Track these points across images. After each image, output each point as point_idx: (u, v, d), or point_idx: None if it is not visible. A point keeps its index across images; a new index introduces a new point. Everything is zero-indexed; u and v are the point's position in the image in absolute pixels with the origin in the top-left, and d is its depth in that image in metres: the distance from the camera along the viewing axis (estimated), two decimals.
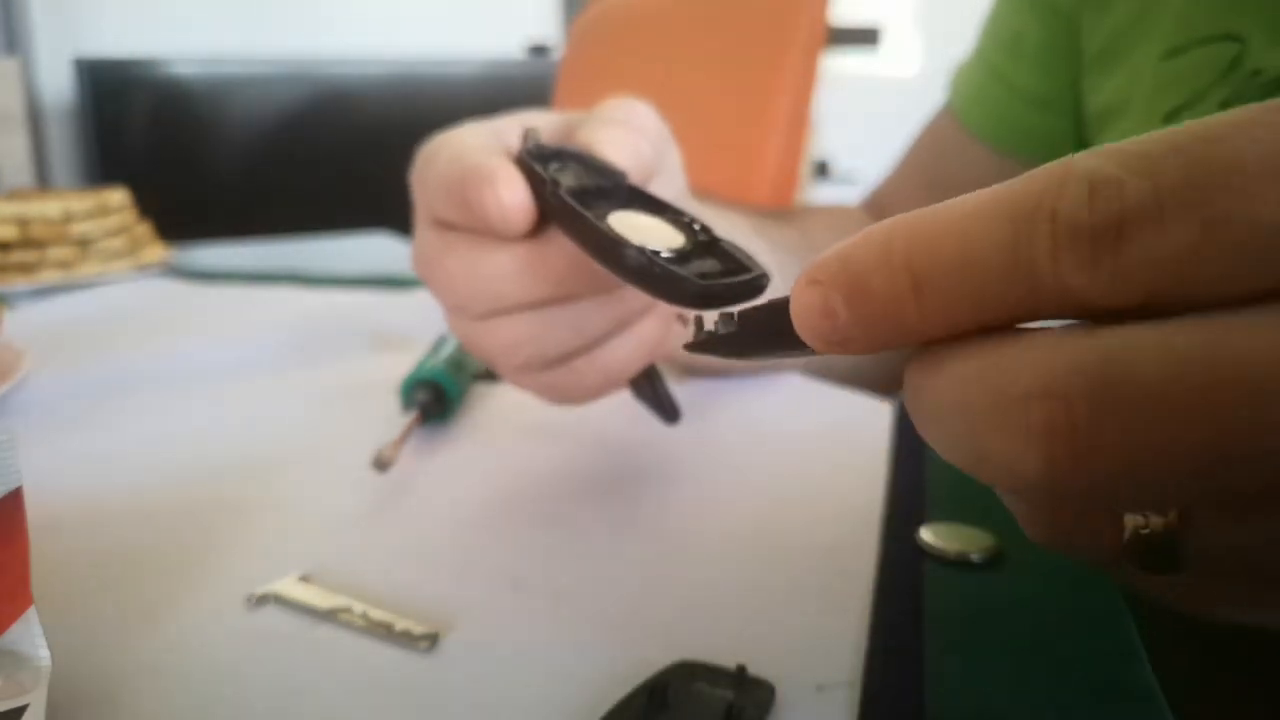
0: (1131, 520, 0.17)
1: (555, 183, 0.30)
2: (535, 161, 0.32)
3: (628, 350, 0.34)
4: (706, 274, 0.28)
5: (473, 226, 0.32)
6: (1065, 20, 0.51)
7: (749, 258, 0.29)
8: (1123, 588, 0.28)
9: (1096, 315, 0.15)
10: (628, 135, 0.33)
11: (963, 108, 0.59)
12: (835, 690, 0.24)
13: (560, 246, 0.31)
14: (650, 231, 0.30)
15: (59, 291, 0.76)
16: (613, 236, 0.28)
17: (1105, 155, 0.14)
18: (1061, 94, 0.53)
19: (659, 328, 0.35)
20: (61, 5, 2.11)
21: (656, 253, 0.27)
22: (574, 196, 0.30)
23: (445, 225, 0.33)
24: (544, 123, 0.35)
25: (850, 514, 0.34)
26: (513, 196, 0.30)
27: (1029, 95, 0.54)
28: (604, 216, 0.29)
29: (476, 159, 0.31)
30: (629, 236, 0.28)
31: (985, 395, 0.15)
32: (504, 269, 0.32)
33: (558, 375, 0.34)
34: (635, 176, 0.33)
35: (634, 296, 0.33)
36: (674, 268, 0.27)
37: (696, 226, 0.30)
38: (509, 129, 0.35)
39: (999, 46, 0.57)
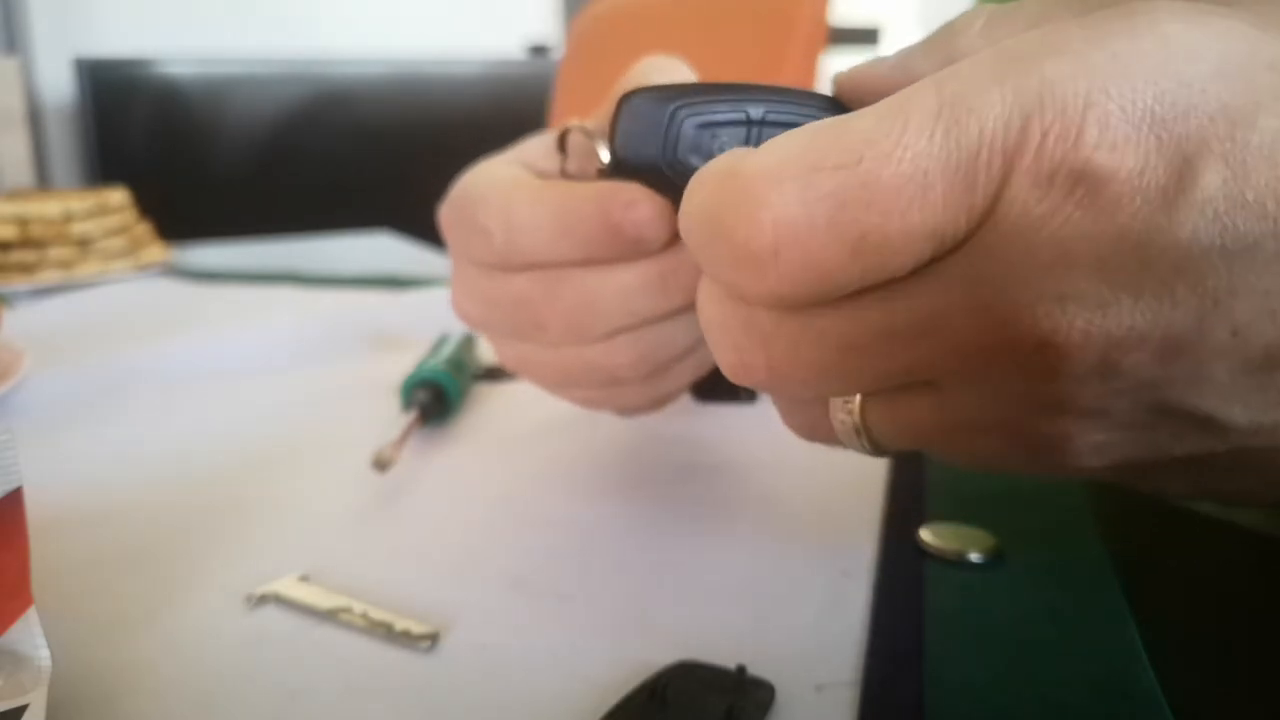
0: (834, 410, 0.23)
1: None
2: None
3: None
4: None
5: (593, 256, 0.30)
6: None
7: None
8: (1124, 591, 0.28)
9: None
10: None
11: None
12: (835, 690, 0.24)
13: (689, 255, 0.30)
14: None
15: (59, 291, 0.76)
16: None
17: None
18: None
19: None
20: (61, 5, 2.11)
21: None
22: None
23: (537, 266, 0.31)
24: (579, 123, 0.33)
25: (850, 514, 0.34)
26: (652, 211, 0.29)
27: None
28: None
29: (584, 191, 0.29)
30: None
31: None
32: (637, 284, 0.30)
33: (658, 382, 0.33)
34: None
35: None
36: None
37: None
38: (533, 151, 0.33)
39: None
